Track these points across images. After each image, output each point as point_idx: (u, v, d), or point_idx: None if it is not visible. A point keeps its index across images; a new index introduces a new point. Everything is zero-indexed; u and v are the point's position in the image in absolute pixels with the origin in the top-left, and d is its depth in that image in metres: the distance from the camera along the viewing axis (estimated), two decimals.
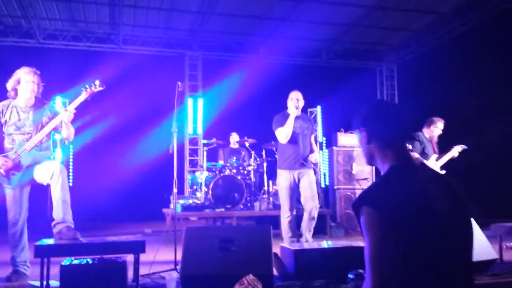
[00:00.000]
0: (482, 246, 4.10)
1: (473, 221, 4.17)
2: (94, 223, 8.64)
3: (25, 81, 4.01)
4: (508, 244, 5.26)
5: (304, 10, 8.71)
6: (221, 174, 6.90)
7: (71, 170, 8.82)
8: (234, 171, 7.11)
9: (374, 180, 7.64)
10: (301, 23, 9.26)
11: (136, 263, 3.54)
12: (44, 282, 3.37)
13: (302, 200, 5.11)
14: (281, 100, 5.48)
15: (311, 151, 5.29)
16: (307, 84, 10.36)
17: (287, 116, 5.16)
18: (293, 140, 5.16)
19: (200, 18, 9.05)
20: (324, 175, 8.91)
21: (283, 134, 5.12)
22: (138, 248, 3.53)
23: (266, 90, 9.57)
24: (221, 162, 7.68)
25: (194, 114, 10.02)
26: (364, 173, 7.42)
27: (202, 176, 7.11)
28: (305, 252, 3.88)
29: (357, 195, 7.33)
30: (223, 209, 6.67)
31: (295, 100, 5.20)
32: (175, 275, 3.49)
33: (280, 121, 5.18)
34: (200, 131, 10.01)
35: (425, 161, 6.37)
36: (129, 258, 3.60)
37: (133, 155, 9.47)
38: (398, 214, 1.57)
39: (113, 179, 8.93)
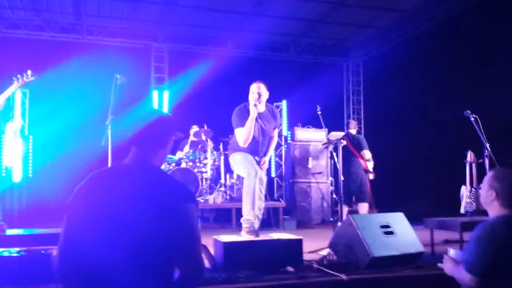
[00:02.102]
0: (409, 239, 4.22)
1: (401, 215, 4.28)
2: (51, 213, 8.60)
3: None
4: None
5: (270, 4, 8.76)
6: (176, 167, 6.94)
7: (31, 161, 8.75)
8: (191, 164, 7.15)
9: (329, 174, 7.77)
10: (267, 17, 9.29)
11: None
12: None
13: None
14: (246, 93, 5.36)
15: (266, 151, 4.79)
16: (274, 78, 10.44)
17: (245, 111, 4.54)
18: (252, 143, 4.59)
19: (166, 9, 9.03)
20: (277, 166, 9.02)
21: (242, 137, 4.53)
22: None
23: (232, 83, 9.56)
24: (179, 155, 7.71)
25: (160, 106, 10.01)
26: (320, 167, 7.51)
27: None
28: (235, 245, 3.96)
29: (312, 189, 7.55)
30: None
31: (255, 95, 4.54)
32: None
33: (240, 117, 4.57)
34: None
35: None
36: None
37: (88, 147, 9.41)
38: None
39: (69, 171, 8.86)
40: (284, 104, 10.06)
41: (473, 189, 6.10)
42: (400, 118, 10.27)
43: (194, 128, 8.11)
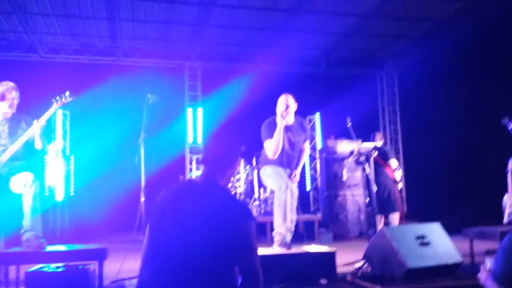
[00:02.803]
0: (446, 250, 4.11)
1: (438, 225, 4.19)
2: (92, 231, 8.82)
3: (10, 97, 4.19)
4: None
5: (299, 20, 8.81)
6: None
7: (72, 180, 9.03)
8: None
9: (364, 186, 7.67)
10: (297, 32, 9.34)
11: (100, 269, 3.65)
12: None
13: None
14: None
15: (297, 164, 4.78)
16: (307, 92, 10.45)
17: (274, 124, 4.54)
18: (282, 155, 4.58)
19: (197, 29, 9.21)
20: (312, 179, 8.96)
21: (271, 149, 4.53)
22: (99, 255, 3.66)
23: (264, 99, 9.64)
24: None
25: (194, 123, 10.16)
26: (355, 179, 7.42)
27: None
28: (266, 258, 3.95)
29: (348, 201, 7.47)
30: None
31: (283, 106, 4.55)
32: (134, 281, 3.59)
33: (269, 130, 4.58)
34: (200, 140, 10.14)
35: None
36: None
37: (125, 165, 9.64)
38: None
39: (112, 189, 9.08)
40: (317, 116, 10.04)
41: None
42: (438, 128, 10.05)
43: None
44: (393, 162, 6.88)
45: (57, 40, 9.42)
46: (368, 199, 7.65)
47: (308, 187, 9.21)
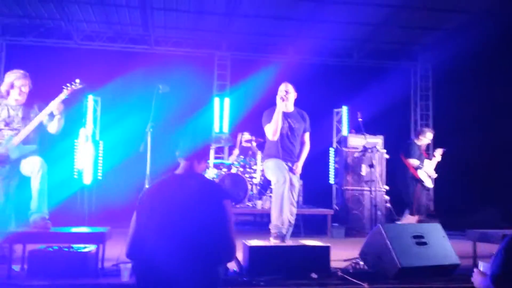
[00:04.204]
0: (444, 251, 4.05)
1: (438, 225, 4.16)
2: (118, 214, 9.12)
3: (18, 85, 4.40)
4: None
5: (328, 10, 8.72)
6: (227, 172, 7.11)
7: (101, 165, 9.33)
8: (241, 169, 7.29)
9: (383, 182, 7.57)
10: (326, 23, 9.23)
11: (98, 252, 3.83)
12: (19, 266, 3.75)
13: None
14: (308, 100, 5.43)
15: (298, 157, 4.89)
16: (337, 83, 10.37)
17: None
18: (281, 139, 4.76)
19: (227, 19, 9.28)
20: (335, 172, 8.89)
21: (271, 131, 4.73)
22: (99, 239, 3.83)
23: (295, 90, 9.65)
24: (231, 159, 7.88)
25: (221, 112, 10.26)
26: (373, 175, 7.34)
27: (211, 173, 7.34)
28: (260, 249, 4.01)
29: (364, 197, 7.38)
30: None
31: (283, 92, 4.79)
32: (129, 265, 3.73)
33: (268, 116, 4.81)
34: (226, 129, 10.24)
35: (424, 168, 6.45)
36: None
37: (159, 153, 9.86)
38: None
39: (134, 174, 9.33)
40: (344, 110, 9.94)
41: None
42: (471, 125, 9.74)
43: (246, 135, 8.24)
44: (411, 161, 6.72)
45: (92, 27, 9.74)
46: (386, 196, 7.58)
47: (332, 180, 9.16)
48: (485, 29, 9.11)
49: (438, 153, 6.96)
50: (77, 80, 4.38)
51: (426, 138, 6.92)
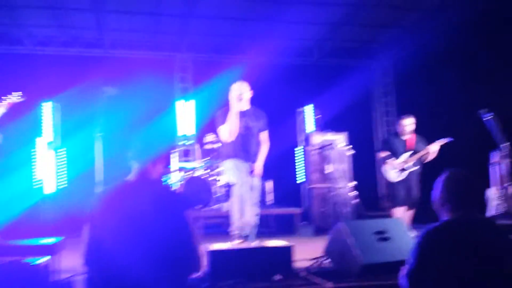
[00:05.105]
0: (407, 246, 4.02)
1: (401, 220, 4.12)
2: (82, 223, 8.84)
3: None
4: None
5: (288, 10, 8.67)
6: (190, 175, 6.97)
7: (62, 173, 9.03)
8: (207, 172, 7.17)
9: (348, 178, 7.56)
10: (287, 23, 9.21)
11: (49, 264, 3.64)
12: None
13: None
14: (272, 100, 5.32)
15: (256, 157, 4.71)
16: (300, 82, 10.37)
17: (229, 111, 4.65)
18: (237, 139, 4.62)
19: (185, 21, 9.13)
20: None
21: (225, 132, 4.60)
22: (49, 250, 3.64)
23: (257, 90, 9.54)
24: (194, 163, 7.74)
25: (185, 116, 10.09)
26: (338, 172, 7.32)
27: (175, 177, 7.19)
28: (220, 253, 3.90)
29: (331, 194, 7.36)
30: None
31: (238, 91, 4.69)
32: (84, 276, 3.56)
33: (222, 117, 4.69)
34: (191, 132, 10.07)
35: (393, 160, 6.39)
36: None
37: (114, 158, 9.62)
38: None
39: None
40: (308, 108, 9.92)
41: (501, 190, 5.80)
42: (433, 118, 9.86)
43: (209, 137, 8.11)
44: (380, 155, 6.69)
45: (45, 32, 9.40)
46: (355, 192, 7.56)
47: (299, 179, 9.11)
48: (439, 25, 9.28)
49: (433, 146, 6.64)
50: (17, 93, 4.18)
51: (402, 126, 6.70)
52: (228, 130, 4.60)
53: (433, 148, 6.56)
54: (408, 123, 6.63)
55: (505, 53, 7.88)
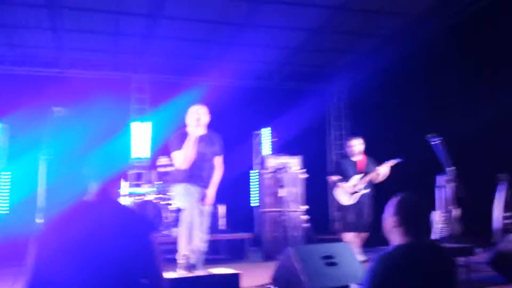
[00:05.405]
0: (354, 271, 4.04)
1: (348, 245, 4.11)
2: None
3: None
4: None
5: (248, 34, 8.77)
6: (140, 200, 6.83)
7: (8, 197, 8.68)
8: (158, 196, 7.04)
9: (300, 202, 7.57)
10: (247, 46, 9.30)
11: None
12: None
13: None
14: (230, 122, 5.20)
15: (209, 183, 4.54)
16: (258, 105, 10.42)
17: (185, 136, 4.48)
18: (192, 170, 4.45)
19: (145, 41, 9.07)
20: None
21: (181, 159, 4.39)
22: None
23: (215, 112, 9.52)
24: (145, 188, 7.57)
25: (140, 138, 9.92)
26: (291, 196, 7.32)
27: (125, 201, 7.02)
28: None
29: (284, 218, 7.34)
30: None
31: (195, 115, 4.55)
32: None
33: (178, 140, 4.49)
34: (145, 154, 9.91)
35: (344, 183, 6.44)
36: None
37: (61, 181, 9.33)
38: None
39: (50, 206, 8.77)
40: (264, 132, 9.96)
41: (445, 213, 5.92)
42: (385, 141, 10.05)
43: (162, 160, 7.99)
44: (330, 179, 6.72)
45: None
46: (306, 215, 7.57)
47: (252, 203, 9.05)
48: (395, 51, 9.56)
49: (383, 167, 6.65)
50: None
51: (350, 147, 6.76)
52: (184, 157, 4.42)
53: (383, 170, 6.64)
54: (356, 144, 6.75)
55: (453, 80, 8.19)
